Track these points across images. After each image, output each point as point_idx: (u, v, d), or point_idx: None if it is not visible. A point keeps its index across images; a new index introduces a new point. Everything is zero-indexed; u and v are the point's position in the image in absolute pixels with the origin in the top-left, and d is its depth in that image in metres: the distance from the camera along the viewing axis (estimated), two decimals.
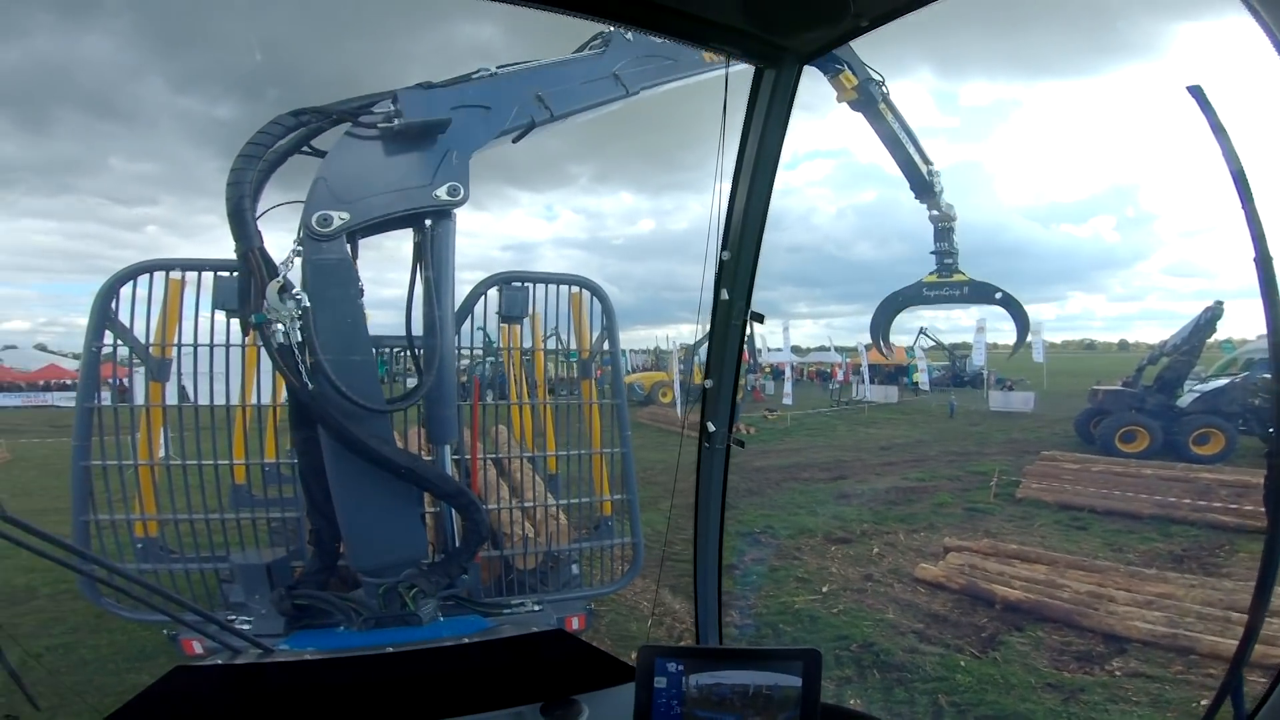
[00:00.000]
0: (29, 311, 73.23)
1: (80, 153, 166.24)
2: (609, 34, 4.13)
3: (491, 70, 3.68)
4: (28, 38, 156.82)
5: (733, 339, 2.30)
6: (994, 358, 32.09)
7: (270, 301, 2.94)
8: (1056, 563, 8.02)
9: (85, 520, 4.07)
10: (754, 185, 2.09)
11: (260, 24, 33.21)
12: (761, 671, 1.65)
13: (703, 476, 2.50)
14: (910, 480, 13.10)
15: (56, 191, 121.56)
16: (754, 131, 2.03)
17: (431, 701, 1.91)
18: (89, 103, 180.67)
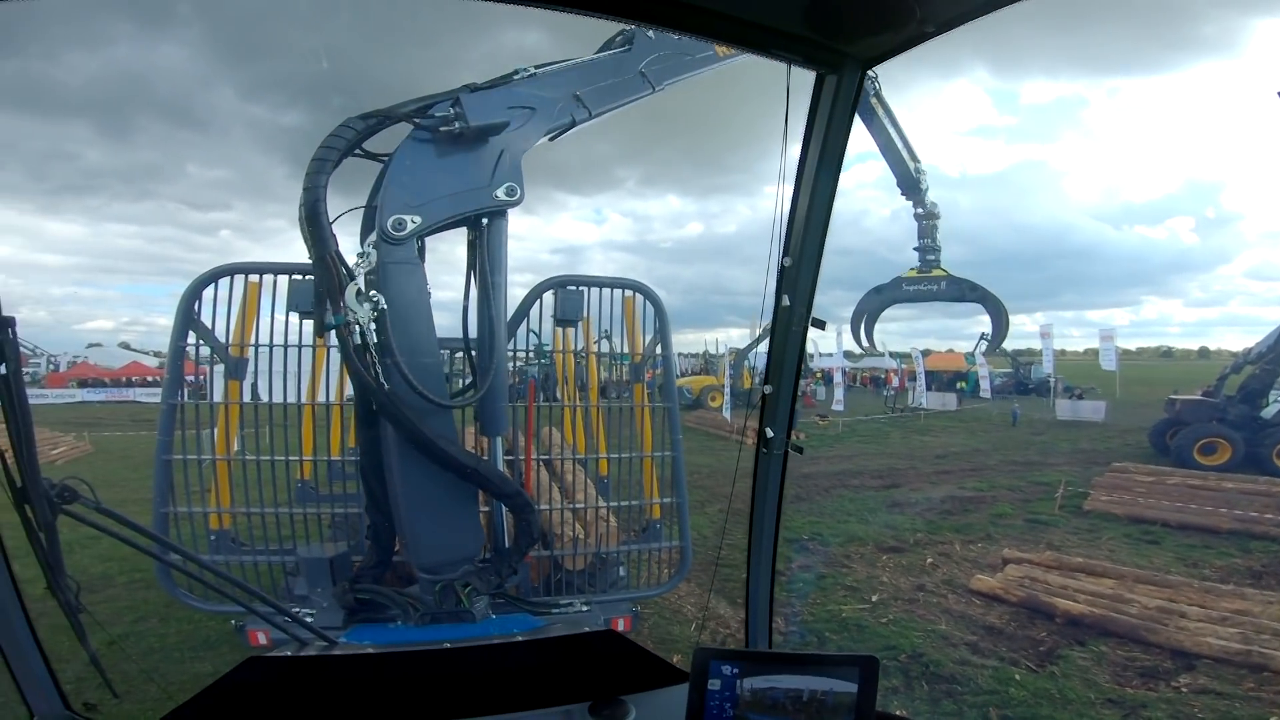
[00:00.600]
0: (113, 311, 78.72)
1: (160, 160, 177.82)
2: (630, 31, 4.12)
3: (531, 70, 3.71)
4: (111, 47, 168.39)
5: (793, 345, 2.28)
6: (1063, 365, 30.79)
7: (349, 304, 3.00)
8: (1124, 577, 7.68)
9: (165, 512, 4.25)
10: (816, 191, 2.07)
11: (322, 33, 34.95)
12: (817, 677, 1.63)
13: (759, 482, 2.47)
14: (968, 490, 12.72)
15: (139, 197, 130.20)
16: (815, 136, 2.01)
17: (484, 697, 1.94)
18: (167, 111, 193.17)
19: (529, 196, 3.87)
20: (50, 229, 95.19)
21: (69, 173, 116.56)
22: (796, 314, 2.22)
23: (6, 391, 1.69)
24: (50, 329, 71.79)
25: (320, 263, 3.00)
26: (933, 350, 40.11)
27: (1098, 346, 25.38)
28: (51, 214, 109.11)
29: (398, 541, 4.06)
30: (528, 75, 3.66)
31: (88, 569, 7.75)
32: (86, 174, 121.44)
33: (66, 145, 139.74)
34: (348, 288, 3.01)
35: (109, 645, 5.94)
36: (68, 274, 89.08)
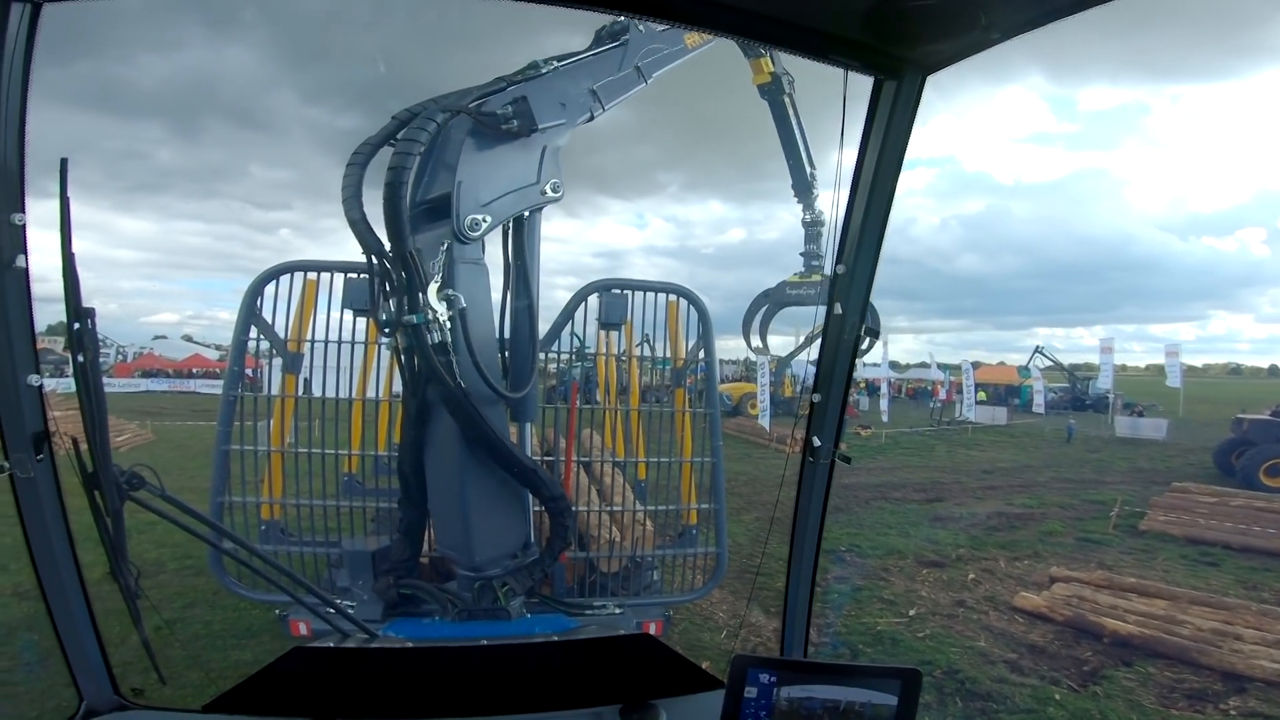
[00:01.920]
0: (178, 305, 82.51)
1: (225, 160, 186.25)
2: (623, 23, 4.06)
3: (554, 64, 3.68)
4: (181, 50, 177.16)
5: (844, 354, 2.24)
6: (1123, 380, 29.65)
7: (430, 302, 3.03)
8: (1178, 598, 7.42)
9: (221, 501, 4.40)
10: (872, 198, 2.03)
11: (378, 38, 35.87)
12: (856, 688, 1.62)
13: (803, 491, 2.45)
14: (1016, 506, 12.39)
15: (205, 196, 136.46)
16: (873, 143, 1.98)
17: (516, 696, 1.96)
18: (232, 113, 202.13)
19: (572, 199, 3.99)
20: (124, 225, 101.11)
21: (142, 171, 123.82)
22: (849, 323, 2.19)
23: (83, 380, 1.75)
24: (120, 321, 75.62)
25: (401, 260, 2.98)
26: (982, 362, 39.12)
27: (1161, 362, 24.45)
28: (126, 211, 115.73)
29: (431, 537, 4.15)
30: (551, 69, 3.63)
31: (142, 554, 7.93)
32: (158, 173, 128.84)
33: (140, 145, 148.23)
34: (429, 286, 3.01)
35: (157, 630, 6.29)
36: (138, 269, 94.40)
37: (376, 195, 3.05)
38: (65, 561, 1.91)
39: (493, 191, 3.36)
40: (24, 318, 1.69)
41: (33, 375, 1.73)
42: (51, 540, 1.87)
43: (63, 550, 1.90)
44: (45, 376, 1.79)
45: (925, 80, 1.89)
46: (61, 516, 1.88)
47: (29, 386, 1.72)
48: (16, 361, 1.69)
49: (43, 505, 1.82)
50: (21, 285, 1.68)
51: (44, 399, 1.76)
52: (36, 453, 1.76)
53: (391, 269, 3.03)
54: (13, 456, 1.73)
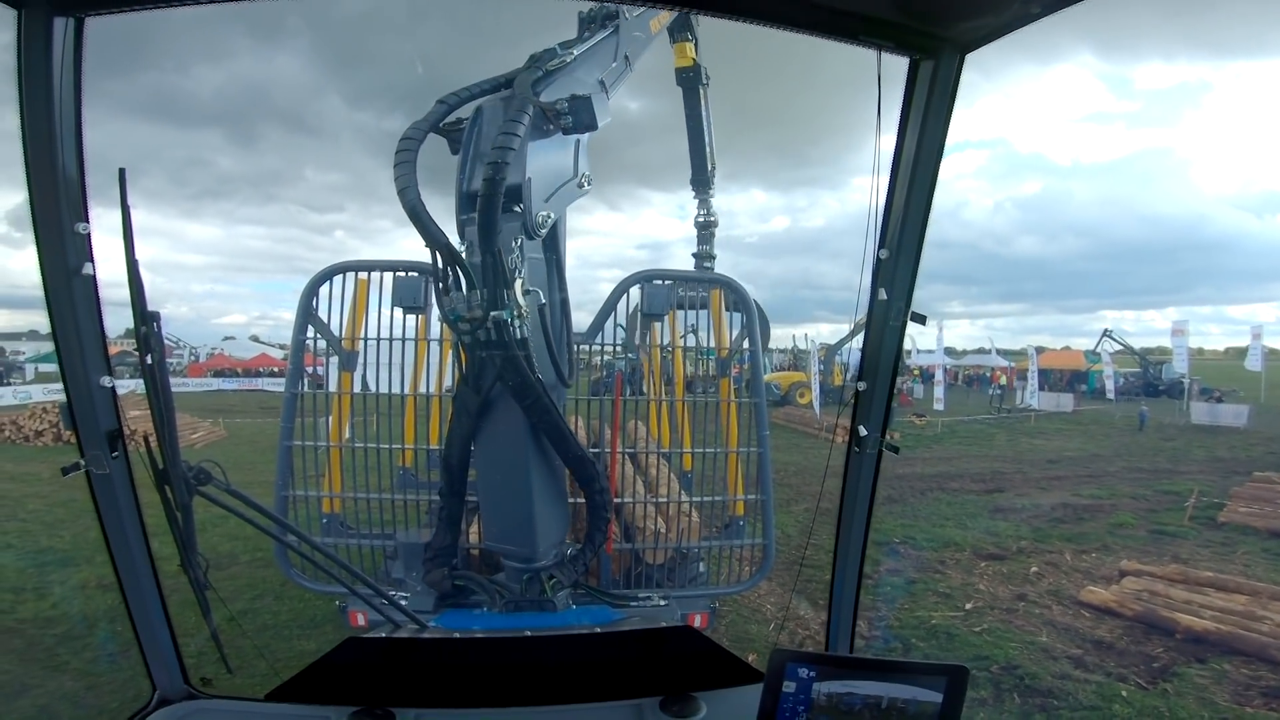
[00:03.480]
0: (245, 307, 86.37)
1: (281, 165, 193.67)
2: (610, 8, 3.98)
3: (572, 54, 3.59)
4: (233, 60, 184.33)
5: (890, 341, 2.19)
6: (1200, 365, 28.11)
7: (517, 298, 2.99)
8: (1259, 594, 6.99)
9: (285, 495, 4.55)
10: (914, 181, 1.99)
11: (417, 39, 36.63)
12: (899, 685, 1.58)
13: (850, 482, 2.39)
14: (1083, 497, 11.89)
15: (265, 201, 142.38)
16: (913, 125, 1.93)
17: (560, 686, 1.97)
18: (286, 120, 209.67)
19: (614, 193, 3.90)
20: (191, 231, 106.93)
21: (205, 178, 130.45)
22: (894, 308, 2.14)
23: (151, 380, 1.78)
24: (192, 323, 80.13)
25: (492, 256, 2.92)
26: (1046, 347, 37.56)
27: (1241, 345, 23.08)
28: (192, 217, 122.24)
29: (478, 529, 4.28)
30: (571, 58, 3.54)
31: (216, 547, 8.33)
32: (220, 179, 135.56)
33: (203, 153, 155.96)
34: (515, 282, 2.97)
35: (228, 622, 6.61)
36: (207, 272, 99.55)
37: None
38: (140, 555, 2.00)
39: (549, 186, 3.33)
40: (94, 322, 1.76)
41: (105, 377, 1.80)
42: (127, 534, 1.95)
43: (137, 544, 1.99)
44: (123, 378, 1.92)
45: (964, 59, 1.84)
46: (136, 511, 1.96)
47: (102, 387, 1.80)
48: (89, 364, 1.77)
49: (118, 500, 1.90)
50: (90, 291, 1.75)
51: (116, 399, 1.84)
52: (111, 450, 1.84)
53: (459, 264, 2.95)
54: (89, 454, 1.81)
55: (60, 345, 1.76)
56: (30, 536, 9.10)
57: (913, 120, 1.93)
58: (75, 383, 1.76)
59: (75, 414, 1.80)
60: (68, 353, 1.75)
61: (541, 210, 3.21)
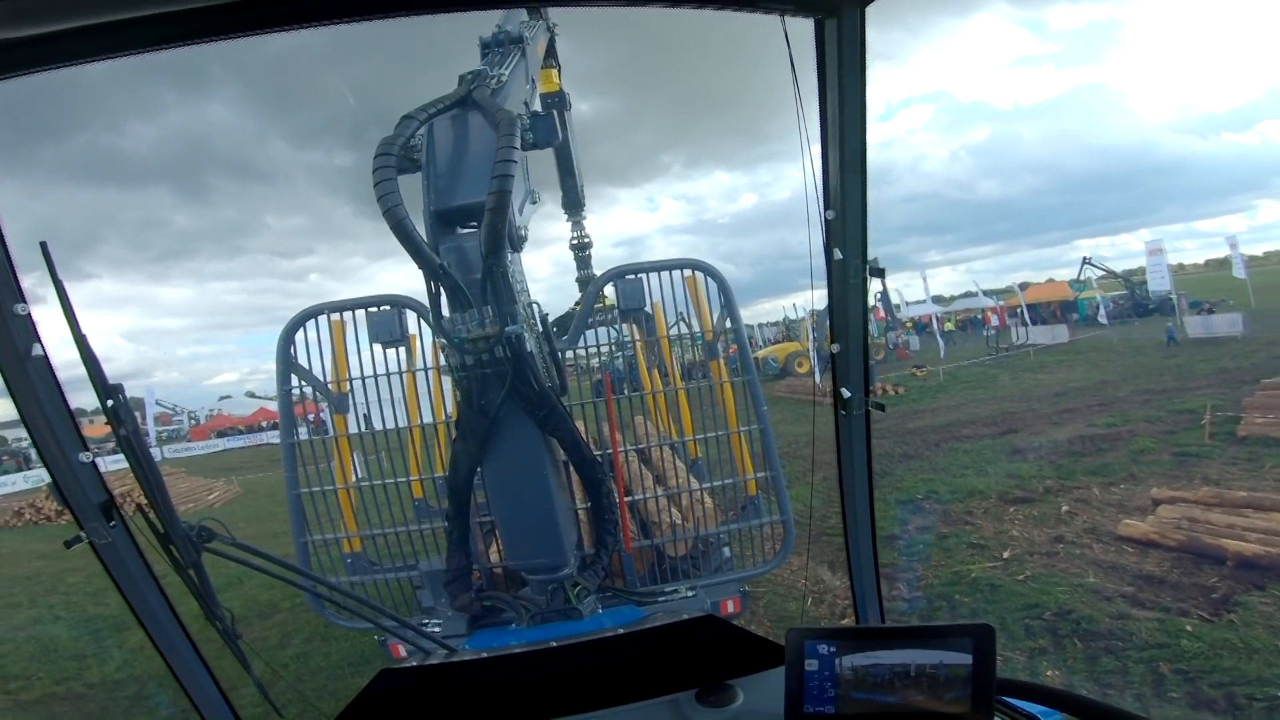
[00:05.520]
0: (234, 364, 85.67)
1: (240, 215, 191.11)
2: (505, 33, 4.00)
3: (504, 74, 3.58)
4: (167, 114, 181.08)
5: (854, 299, 2.15)
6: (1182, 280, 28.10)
7: (524, 313, 3.00)
8: None
9: (304, 541, 4.56)
10: (845, 138, 1.97)
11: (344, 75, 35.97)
12: (925, 650, 1.51)
13: (843, 446, 2.32)
14: (1098, 427, 11.57)
15: (232, 254, 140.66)
16: (831, 85, 1.90)
17: (594, 692, 1.92)
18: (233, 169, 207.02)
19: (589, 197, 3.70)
20: (163, 295, 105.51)
21: (164, 239, 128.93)
22: (852, 266, 2.11)
23: (130, 450, 1.80)
24: (185, 387, 79.77)
25: (500, 270, 2.89)
26: (1031, 282, 37.28)
27: (1220, 255, 23.07)
28: (160, 281, 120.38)
29: (498, 548, 4.24)
30: (506, 77, 3.53)
31: (256, 597, 8.33)
32: (180, 239, 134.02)
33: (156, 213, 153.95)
34: (520, 299, 2.98)
35: (284, 666, 6.58)
36: (188, 334, 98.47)
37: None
38: (165, 615, 1.97)
39: (518, 202, 3.25)
40: (56, 401, 1.72)
41: (82, 453, 1.76)
42: (146, 598, 1.93)
43: (160, 605, 1.96)
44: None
45: (864, 13, 1.81)
46: (148, 573, 1.93)
47: (82, 463, 1.76)
48: (63, 444, 1.73)
49: (128, 566, 1.88)
50: (45, 372, 1.70)
51: (98, 472, 1.80)
52: (109, 520, 1.80)
53: (456, 284, 2.90)
54: (87, 526, 1.78)
55: (30, 428, 1.73)
56: (77, 607, 9.17)
57: (830, 80, 1.90)
58: (54, 462, 1.74)
59: (63, 491, 1.78)
60: (39, 435, 1.73)
61: (520, 223, 3.17)
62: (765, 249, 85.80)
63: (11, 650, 8.18)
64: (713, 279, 4.73)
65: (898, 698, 1.52)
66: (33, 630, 8.70)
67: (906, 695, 1.51)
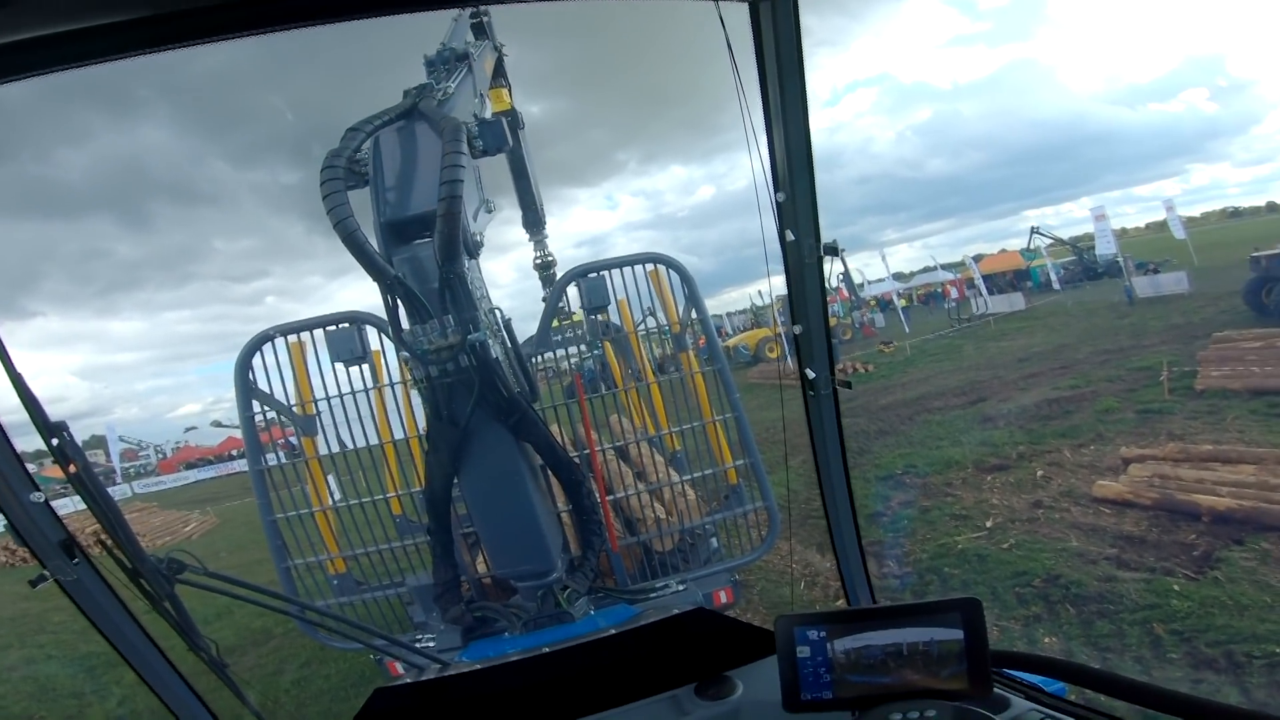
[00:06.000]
0: (196, 394, 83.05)
1: (187, 241, 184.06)
2: (451, 50, 3.95)
3: (451, 86, 3.51)
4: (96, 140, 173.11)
5: (811, 279, 2.16)
6: (1127, 244, 29.08)
7: (486, 320, 2.96)
8: (1264, 460, 6.78)
9: (285, 566, 4.51)
10: (788, 120, 1.97)
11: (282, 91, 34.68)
12: (915, 628, 1.50)
13: (814, 428, 2.32)
14: (1063, 390, 11.74)
15: (181, 282, 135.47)
16: (770, 69, 1.92)
17: (592, 694, 1.90)
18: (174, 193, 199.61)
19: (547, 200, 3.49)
20: (114, 329, 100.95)
21: (109, 271, 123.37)
22: (805, 246, 2.12)
23: (83, 487, 1.76)
24: (148, 421, 77.22)
25: (459, 279, 2.83)
26: (984, 254, 38.07)
27: (1160, 218, 23.98)
28: (110, 315, 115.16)
29: (484, 558, 4.21)
30: (453, 89, 3.46)
31: (248, 625, 8.18)
32: (125, 269, 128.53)
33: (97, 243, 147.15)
34: (480, 303, 2.93)
35: (284, 692, 6.44)
36: (145, 368, 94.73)
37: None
38: (148, 650, 1.93)
39: (471, 210, 3.21)
40: (1, 443, 1.68)
41: (34, 493, 1.74)
42: (124, 631, 1.89)
43: (139, 639, 1.92)
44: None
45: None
46: (122, 607, 1.89)
47: (34, 503, 1.74)
48: (13, 485, 1.70)
49: (99, 601, 1.85)
50: None
51: (53, 511, 1.76)
52: (70, 557, 1.77)
53: (414, 295, 2.85)
54: (50, 565, 1.74)
55: None
56: (67, 645, 8.93)
57: (769, 64, 1.91)
58: (6, 504, 1.71)
59: (20, 532, 1.75)
60: None
61: (474, 229, 3.11)
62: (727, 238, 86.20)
63: (10, 690, 8.13)
64: (675, 271, 4.73)
65: (894, 677, 1.50)
66: (27, 670, 8.63)
67: (902, 674, 1.49)
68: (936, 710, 1.44)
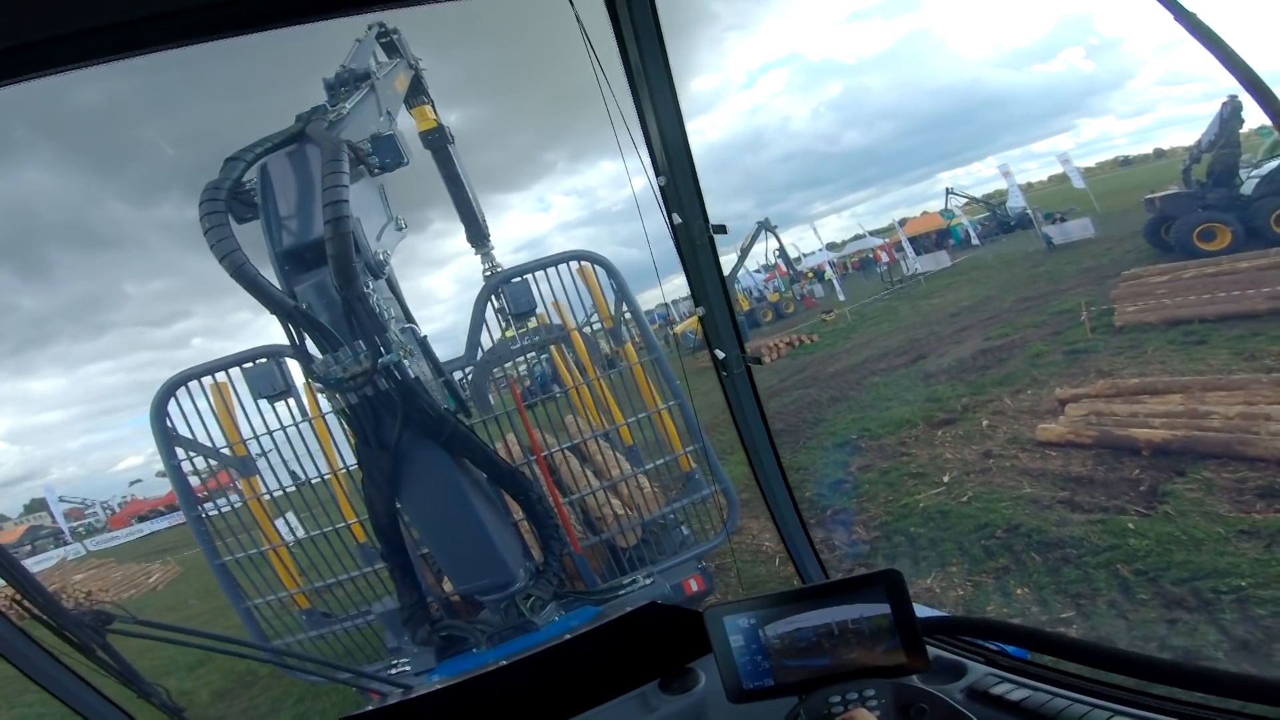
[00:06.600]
0: (134, 446, 78.14)
1: (93, 288, 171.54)
2: (343, 74, 3.76)
3: (346, 108, 3.36)
4: None
5: (705, 260, 2.14)
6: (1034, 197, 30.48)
7: (398, 340, 2.87)
8: (1189, 388, 7.09)
9: (245, 607, 4.45)
10: (658, 102, 1.96)
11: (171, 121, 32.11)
12: (841, 606, 1.46)
13: (734, 407, 2.30)
14: (994, 339, 12.12)
15: (96, 332, 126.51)
16: (632, 53, 1.89)
17: (557, 701, 1.86)
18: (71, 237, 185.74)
19: None
20: (33, 389, 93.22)
21: (14, 327, 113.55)
22: (695, 227, 2.10)
23: None
24: (90, 478, 73.05)
25: (361, 302, 2.71)
26: (909, 217, 39.17)
27: (1060, 171, 25.23)
28: (26, 374, 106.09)
29: (441, 575, 4.23)
30: (346, 111, 3.31)
31: (233, 668, 7.86)
32: (32, 324, 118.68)
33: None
34: (389, 324, 2.83)
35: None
36: (74, 425, 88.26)
37: None
38: (101, 705, 1.85)
39: (374, 228, 3.11)
40: None
41: None
42: (71, 689, 1.82)
43: (90, 696, 1.84)
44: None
45: None
46: (60, 664, 1.81)
47: None
48: None
49: (30, 657, 1.77)
50: None
51: None
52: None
53: (316, 324, 2.73)
54: None
55: None
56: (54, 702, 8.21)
57: (630, 49, 1.88)
58: None
59: None
60: None
61: (377, 249, 3.00)
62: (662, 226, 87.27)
63: None
64: (600, 266, 4.69)
65: (832, 658, 1.46)
66: None
67: (839, 654, 1.46)
68: (875, 689, 1.42)
